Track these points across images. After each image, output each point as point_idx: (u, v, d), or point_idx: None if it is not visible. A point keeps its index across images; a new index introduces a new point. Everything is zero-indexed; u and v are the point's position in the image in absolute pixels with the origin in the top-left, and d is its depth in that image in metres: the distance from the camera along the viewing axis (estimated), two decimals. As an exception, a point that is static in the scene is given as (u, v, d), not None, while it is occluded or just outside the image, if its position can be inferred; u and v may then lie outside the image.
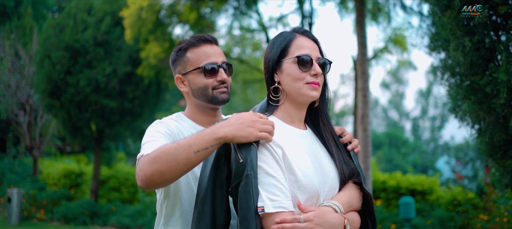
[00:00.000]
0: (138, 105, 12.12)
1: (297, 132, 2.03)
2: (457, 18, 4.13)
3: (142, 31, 10.54)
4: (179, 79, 2.37)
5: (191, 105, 2.38)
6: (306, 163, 1.96)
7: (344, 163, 2.04)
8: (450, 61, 5.19)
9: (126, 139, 14.20)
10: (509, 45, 4.25)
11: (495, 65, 4.19)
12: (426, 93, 44.59)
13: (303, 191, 1.92)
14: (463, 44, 4.10)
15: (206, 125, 2.30)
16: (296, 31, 2.06)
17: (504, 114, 4.22)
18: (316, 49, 2.03)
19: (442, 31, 4.40)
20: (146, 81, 11.54)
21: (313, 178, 1.93)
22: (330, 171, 2.00)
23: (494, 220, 7.81)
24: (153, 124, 2.26)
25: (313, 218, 1.83)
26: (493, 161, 4.65)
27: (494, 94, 4.14)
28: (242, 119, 1.89)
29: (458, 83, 4.95)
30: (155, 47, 10.35)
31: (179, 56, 2.36)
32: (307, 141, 2.03)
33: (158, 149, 1.92)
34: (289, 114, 2.05)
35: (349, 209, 1.99)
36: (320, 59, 2.00)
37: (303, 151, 1.99)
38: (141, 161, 1.95)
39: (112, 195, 13.53)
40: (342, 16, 11.11)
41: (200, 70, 2.30)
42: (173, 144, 1.91)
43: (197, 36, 2.37)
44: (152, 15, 10.18)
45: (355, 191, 2.04)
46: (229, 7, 11.68)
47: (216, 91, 2.31)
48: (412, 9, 9.07)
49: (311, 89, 1.97)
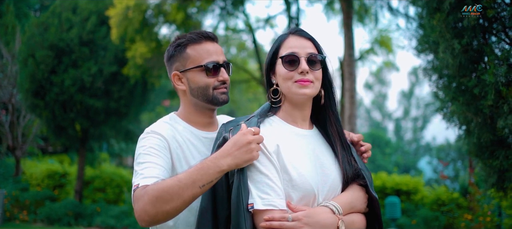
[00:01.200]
0: (123, 105, 12.04)
1: (297, 131, 2.04)
2: (446, 21, 4.21)
3: (128, 31, 10.48)
4: (177, 76, 2.23)
5: (186, 105, 2.26)
6: (302, 163, 1.97)
7: (347, 164, 2.02)
8: (437, 63, 5.29)
9: (111, 139, 14.08)
10: (496, 48, 4.34)
11: (483, 67, 4.28)
12: (409, 94, 45.06)
13: (297, 190, 1.93)
14: (452, 47, 4.18)
15: (201, 126, 2.23)
16: (291, 31, 2.08)
17: (492, 115, 4.31)
18: (309, 46, 2.01)
19: (431, 33, 4.47)
20: (132, 81, 11.46)
21: (308, 178, 1.94)
22: (331, 171, 2.00)
23: (477, 219, 7.95)
24: (145, 136, 2.12)
25: (301, 217, 1.85)
26: (480, 161, 4.74)
27: (482, 96, 4.22)
28: (237, 144, 1.87)
29: (445, 84, 5.04)
30: (141, 47, 10.30)
31: (178, 51, 2.21)
32: (308, 141, 2.04)
33: (160, 187, 1.84)
34: (289, 114, 2.06)
35: (350, 211, 1.98)
36: (311, 56, 1.98)
37: (302, 151, 2.00)
38: (141, 199, 1.86)
39: (97, 195, 13.42)
40: (329, 17, 11.22)
41: (202, 69, 2.18)
42: (176, 180, 1.85)
43: (198, 32, 2.22)
44: (138, 15, 10.13)
45: (359, 193, 2.02)
46: (215, 7, 11.68)
47: (217, 91, 2.18)
48: (398, 11, 9.19)
49: (300, 87, 1.97)
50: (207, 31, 2.24)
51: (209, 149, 2.15)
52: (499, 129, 4.09)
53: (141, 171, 1.99)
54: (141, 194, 1.86)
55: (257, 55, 13.06)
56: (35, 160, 18.69)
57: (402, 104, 45.08)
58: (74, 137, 12.66)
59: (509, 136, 4.03)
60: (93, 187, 13.56)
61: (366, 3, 10.11)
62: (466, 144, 4.76)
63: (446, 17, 4.19)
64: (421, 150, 41.20)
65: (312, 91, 1.99)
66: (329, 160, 2.03)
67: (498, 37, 4.30)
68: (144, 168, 1.99)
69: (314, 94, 2.01)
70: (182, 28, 10.76)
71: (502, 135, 4.29)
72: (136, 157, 2.08)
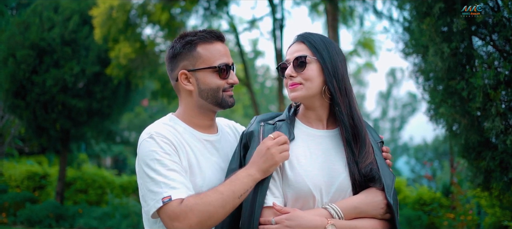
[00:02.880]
0: (106, 105, 11.93)
1: (310, 132, 2.09)
2: (435, 25, 4.31)
3: (112, 31, 10.38)
4: (184, 75, 2.13)
5: (190, 106, 2.18)
6: (304, 163, 2.01)
7: (356, 165, 2.00)
8: (423, 65, 5.40)
9: (92, 139, 13.93)
10: (482, 51, 4.47)
11: (471, 70, 4.39)
12: (386, 94, 45.63)
13: (292, 189, 1.98)
14: (441, 50, 4.28)
15: (202, 129, 2.18)
16: (294, 38, 2.13)
17: (479, 117, 4.43)
18: (300, 50, 2.07)
19: (421, 37, 4.57)
20: (115, 81, 11.36)
21: (305, 178, 1.97)
22: (340, 173, 2.00)
23: (459, 218, 8.12)
24: (151, 139, 2.04)
25: (283, 220, 1.91)
26: (467, 162, 4.87)
27: (470, 98, 4.34)
28: (260, 153, 1.97)
29: (431, 86, 5.16)
30: (125, 47, 10.22)
31: (187, 49, 2.12)
32: (320, 141, 2.07)
33: (205, 202, 1.88)
34: (304, 115, 2.14)
35: (357, 215, 1.97)
36: (296, 59, 2.04)
37: (309, 151, 2.04)
38: (186, 217, 1.87)
39: (78, 197, 13.25)
40: (313, 19, 11.33)
41: (214, 70, 2.11)
42: (218, 193, 1.90)
43: (208, 31, 2.15)
44: (123, 15, 10.05)
45: (372, 197, 1.99)
46: (199, 8, 11.67)
47: (226, 94, 2.14)
48: (382, 13, 9.33)
49: (290, 91, 2.07)
50: (217, 31, 2.18)
51: (211, 152, 2.15)
52: (486, 130, 4.21)
53: (165, 180, 1.94)
54: (185, 211, 1.87)
55: (241, 56, 13.08)
56: (12, 161, 18.35)
57: (380, 104, 45.63)
58: (55, 138, 12.49)
59: (497, 138, 4.15)
60: (74, 188, 13.38)
61: (351, 5, 10.24)
62: (453, 145, 4.89)
63: (435, 21, 4.29)
64: (398, 150, 41.76)
65: (302, 93, 2.04)
66: (340, 161, 2.03)
67: (485, 42, 4.42)
68: (166, 176, 1.95)
69: (308, 94, 2.04)
70: (166, 29, 10.72)
71: (489, 137, 4.42)
72: (146, 162, 2.00)
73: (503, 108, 4.08)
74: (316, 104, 2.08)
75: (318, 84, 2.04)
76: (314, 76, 2.03)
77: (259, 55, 29.97)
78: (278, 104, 11.63)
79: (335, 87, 2.02)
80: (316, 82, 2.03)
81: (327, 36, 9.25)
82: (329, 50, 2.06)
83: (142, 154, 2.03)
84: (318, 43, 2.07)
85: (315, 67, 2.03)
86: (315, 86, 2.03)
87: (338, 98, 2.03)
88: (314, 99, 2.07)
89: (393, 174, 2.07)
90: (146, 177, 1.99)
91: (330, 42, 2.12)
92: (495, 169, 4.40)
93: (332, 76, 2.03)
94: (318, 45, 2.06)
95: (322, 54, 2.04)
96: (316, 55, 2.04)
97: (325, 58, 2.04)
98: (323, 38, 2.12)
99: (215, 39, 2.15)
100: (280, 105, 11.28)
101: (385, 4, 8.82)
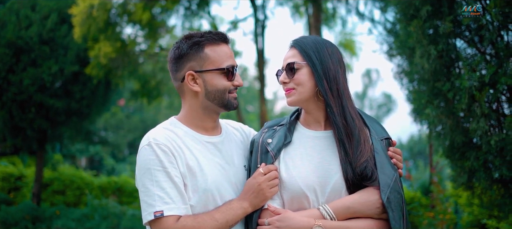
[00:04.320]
0: (85, 105, 11.76)
1: (307, 134, 2.16)
2: (423, 27, 4.39)
3: (92, 30, 10.23)
4: (191, 76, 2.13)
5: (194, 107, 2.18)
6: (299, 164, 2.08)
7: (350, 164, 2.02)
8: (408, 67, 5.50)
9: (65, 140, 13.68)
10: (467, 54, 4.57)
11: (456, 72, 4.49)
12: (362, 95, 46.20)
13: (286, 191, 2.06)
14: (428, 52, 4.36)
15: (204, 131, 2.20)
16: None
17: (464, 118, 4.53)
18: (292, 55, 2.14)
19: (407, 39, 4.65)
20: (95, 81, 11.21)
21: (298, 179, 2.03)
22: (335, 173, 2.04)
23: (438, 217, 8.28)
24: (149, 148, 2.06)
25: (275, 221, 2.00)
26: (451, 162, 4.98)
27: (456, 100, 4.43)
28: (251, 189, 2.08)
29: (416, 88, 5.26)
30: (106, 46, 10.09)
31: (195, 50, 2.12)
32: (316, 142, 2.12)
33: (198, 225, 2.00)
34: (304, 118, 2.21)
35: (351, 215, 1.99)
36: (288, 65, 2.12)
37: (305, 152, 2.11)
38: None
39: (55, 198, 13.02)
40: (295, 20, 11.39)
41: (223, 72, 2.13)
42: (214, 220, 2.02)
43: (215, 32, 2.16)
44: (103, 14, 9.92)
45: (365, 197, 2.00)
46: (180, 7, 11.61)
47: (231, 95, 2.17)
48: (364, 15, 9.44)
49: (285, 97, 2.16)
50: (223, 32, 2.19)
51: (213, 153, 2.18)
52: (471, 131, 4.31)
53: (159, 193, 2.00)
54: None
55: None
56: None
57: (356, 105, 45.96)
58: (32, 138, 12.24)
59: (482, 138, 4.25)
60: (51, 190, 13.15)
61: (334, 6, 10.34)
62: (437, 145, 4.98)
63: (422, 24, 4.37)
64: (374, 150, 42.21)
65: (295, 98, 2.12)
66: (335, 161, 2.06)
67: (469, 45, 4.52)
68: (161, 188, 2.01)
69: (301, 99, 2.12)
70: (147, 28, 10.62)
71: (473, 137, 4.52)
72: (143, 171, 2.05)
73: (488, 109, 4.18)
74: (311, 107, 2.14)
75: (309, 87, 2.09)
76: (305, 80, 2.09)
77: (237, 55, 29.95)
78: (260, 105, 11.65)
79: (326, 88, 2.06)
80: (307, 86, 2.09)
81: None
82: (320, 53, 2.09)
83: (140, 162, 2.08)
84: (309, 47, 2.11)
85: (306, 71, 2.09)
86: (307, 90, 2.09)
87: (329, 100, 2.07)
88: (308, 102, 2.13)
89: (395, 172, 2.04)
90: (141, 186, 2.06)
91: (324, 44, 2.14)
92: (478, 169, 4.50)
93: (322, 78, 2.06)
94: (309, 49, 2.10)
95: (312, 57, 2.08)
96: (306, 60, 2.09)
97: (314, 61, 2.07)
98: (316, 41, 2.15)
99: (221, 41, 2.17)
100: (262, 105, 11.32)
101: (367, 6, 8.98)
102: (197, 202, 2.07)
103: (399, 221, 1.98)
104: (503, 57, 4.14)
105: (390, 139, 2.18)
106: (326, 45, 2.13)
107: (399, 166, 2.10)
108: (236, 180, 2.18)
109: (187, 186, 2.06)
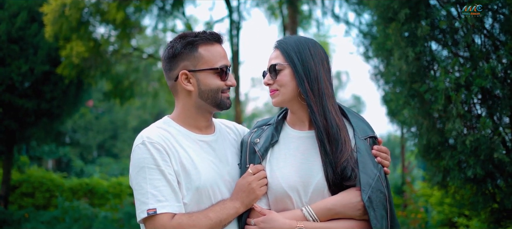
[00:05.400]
0: (56, 106, 11.51)
1: (291, 134, 2.20)
2: (401, 30, 4.50)
3: (64, 29, 10.03)
4: (185, 76, 2.15)
5: (187, 107, 2.20)
6: (282, 165, 2.12)
7: (329, 165, 2.03)
8: (384, 68, 5.61)
9: (40, 141, 13.37)
10: (443, 56, 4.70)
11: (433, 74, 4.62)
12: (332, 96, 46.61)
13: (270, 191, 2.11)
14: (406, 55, 4.47)
15: (197, 130, 2.21)
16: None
17: (440, 119, 4.66)
18: (275, 57, 2.18)
19: (386, 41, 4.75)
20: (67, 81, 10.99)
21: (281, 180, 2.08)
22: (317, 173, 2.06)
23: (410, 216, 8.47)
24: (143, 146, 2.07)
25: (260, 222, 2.06)
26: (426, 161, 5.10)
27: (432, 101, 4.55)
28: (241, 189, 2.12)
29: (392, 89, 5.38)
30: (78, 46, 9.91)
31: (189, 50, 2.13)
32: (300, 143, 2.16)
33: (194, 225, 2.02)
34: (290, 118, 2.25)
35: (332, 216, 2.01)
36: (270, 67, 2.16)
37: (289, 152, 2.15)
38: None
39: (24, 201, 12.69)
40: (270, 21, 11.45)
41: (216, 71, 2.15)
42: (208, 219, 2.04)
43: (209, 32, 2.18)
44: (76, 13, 9.74)
45: (347, 198, 2.01)
46: (154, 7, 11.52)
47: (224, 95, 2.18)
48: (339, 17, 9.55)
49: (270, 98, 2.20)
50: (217, 32, 2.21)
51: (207, 152, 2.19)
52: (447, 131, 4.43)
53: (153, 191, 2.02)
54: (173, 227, 1.99)
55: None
56: None
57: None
58: (0, 139, 11.91)
59: (457, 138, 4.37)
60: (20, 192, 12.81)
61: (309, 9, 10.42)
62: (415, 145, 5.11)
63: (401, 27, 4.48)
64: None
65: (279, 99, 2.15)
66: (318, 161, 2.08)
67: (445, 47, 4.66)
68: (155, 187, 2.02)
69: (285, 99, 2.15)
70: (121, 28, 10.48)
71: (449, 138, 4.65)
72: (137, 169, 2.06)
73: (463, 110, 4.31)
74: (295, 107, 2.17)
75: (292, 88, 2.12)
76: (287, 81, 2.12)
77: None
78: (235, 106, 11.66)
79: (307, 89, 2.08)
80: (290, 86, 2.12)
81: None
82: (301, 53, 2.11)
83: (134, 160, 2.09)
84: (291, 48, 2.14)
85: (288, 72, 2.12)
86: (290, 90, 2.12)
87: (309, 100, 2.08)
88: (292, 102, 2.16)
89: (378, 171, 2.04)
90: (135, 184, 2.07)
91: (306, 44, 2.16)
92: (453, 168, 4.63)
93: (303, 78, 2.09)
94: (290, 50, 2.13)
95: (293, 58, 2.11)
96: (287, 61, 2.12)
97: (295, 62, 2.10)
98: (298, 42, 2.17)
99: (215, 41, 2.19)
100: (237, 106, 11.32)
101: (342, 8, 9.11)
102: (190, 200, 2.08)
103: (381, 220, 1.98)
104: (476, 60, 4.28)
105: (375, 137, 2.18)
106: (308, 45, 2.15)
107: (384, 164, 2.10)
108: (231, 178, 2.20)
109: (181, 184, 2.07)
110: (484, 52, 4.29)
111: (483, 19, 4.30)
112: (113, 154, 28.06)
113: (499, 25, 4.32)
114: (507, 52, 4.00)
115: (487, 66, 4.10)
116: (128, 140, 29.04)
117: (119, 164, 24.38)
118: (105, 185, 13.28)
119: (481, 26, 4.26)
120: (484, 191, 4.68)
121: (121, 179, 13.74)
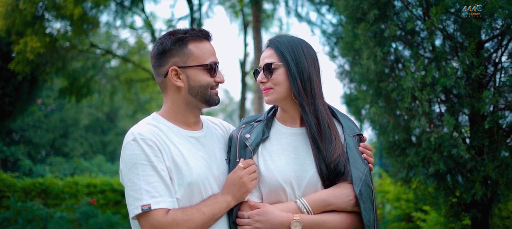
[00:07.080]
0: (8, 103, 11.07)
1: (283, 130, 2.25)
2: (370, 30, 4.62)
3: (17, 23, 9.64)
4: (175, 72, 2.17)
5: (177, 103, 2.22)
6: (276, 159, 2.17)
7: (322, 161, 2.11)
8: (347, 67, 5.75)
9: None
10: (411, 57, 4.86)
11: (399, 74, 4.77)
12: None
13: (264, 185, 2.16)
14: (374, 54, 4.60)
15: (186, 126, 2.24)
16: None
17: (406, 117, 4.82)
18: (269, 55, 2.22)
19: (354, 41, 4.87)
20: (20, 77, 10.58)
21: (276, 174, 2.13)
22: (310, 168, 2.14)
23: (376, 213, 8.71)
24: (135, 142, 2.07)
25: (255, 215, 2.10)
26: (391, 158, 5.27)
27: (399, 99, 4.71)
28: (232, 183, 2.16)
29: (358, 88, 5.52)
30: (33, 41, 9.54)
31: (179, 46, 2.16)
32: (292, 139, 2.22)
33: (189, 219, 2.03)
34: (280, 115, 2.30)
35: (326, 208, 2.09)
36: (265, 65, 2.20)
37: (282, 148, 2.20)
38: (167, 227, 2.00)
39: (-28, 202, 12.11)
40: (231, 20, 11.50)
41: (205, 68, 2.18)
42: (201, 214, 2.07)
43: (198, 29, 2.22)
44: (30, 7, 9.38)
45: (339, 190, 2.10)
46: (111, 3, 11.27)
47: (213, 91, 2.22)
48: (302, 16, 9.67)
49: (264, 96, 2.25)
50: (206, 30, 2.25)
51: (197, 147, 2.22)
52: (412, 129, 4.60)
53: (146, 187, 2.02)
54: (171, 224, 2.01)
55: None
56: None
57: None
58: None
59: (422, 135, 4.54)
60: (-33, 193, 12.22)
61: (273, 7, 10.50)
62: (380, 142, 5.26)
63: (370, 27, 4.60)
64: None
65: (273, 97, 2.20)
66: (310, 157, 2.16)
67: (410, 48, 4.82)
68: (148, 182, 2.02)
69: (278, 98, 2.20)
70: (79, 24, 10.17)
71: (414, 135, 4.82)
72: (129, 166, 2.06)
73: (428, 108, 4.48)
74: (288, 106, 2.23)
75: (287, 87, 2.18)
76: (281, 80, 2.17)
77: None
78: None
79: (300, 88, 2.15)
80: (284, 85, 2.17)
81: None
82: (295, 53, 2.17)
83: (125, 157, 2.08)
84: (285, 47, 2.19)
85: (282, 71, 2.17)
86: (284, 89, 2.18)
87: (302, 99, 2.16)
88: (285, 101, 2.22)
89: (366, 166, 2.16)
90: (127, 181, 2.06)
91: (298, 43, 2.22)
92: (417, 164, 4.80)
93: (297, 78, 2.15)
94: (284, 49, 2.18)
95: (287, 58, 2.16)
96: (282, 60, 2.17)
97: (289, 62, 2.16)
98: (291, 41, 2.22)
99: (204, 38, 2.22)
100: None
101: (304, 7, 9.25)
102: (182, 196, 2.10)
103: (369, 212, 2.10)
104: (440, 60, 4.46)
105: (361, 135, 2.31)
106: (301, 45, 2.21)
107: (369, 161, 2.22)
108: (219, 173, 2.23)
109: (173, 180, 2.09)
110: (447, 53, 4.47)
111: (444, 22, 4.48)
112: (63, 153, 27.21)
113: (458, 26, 4.51)
114: (469, 53, 4.18)
115: (450, 66, 4.28)
116: (79, 138, 28.26)
117: (71, 163, 23.70)
118: (60, 185, 12.82)
119: (443, 28, 4.43)
120: (445, 186, 4.87)
121: (77, 179, 13.32)
